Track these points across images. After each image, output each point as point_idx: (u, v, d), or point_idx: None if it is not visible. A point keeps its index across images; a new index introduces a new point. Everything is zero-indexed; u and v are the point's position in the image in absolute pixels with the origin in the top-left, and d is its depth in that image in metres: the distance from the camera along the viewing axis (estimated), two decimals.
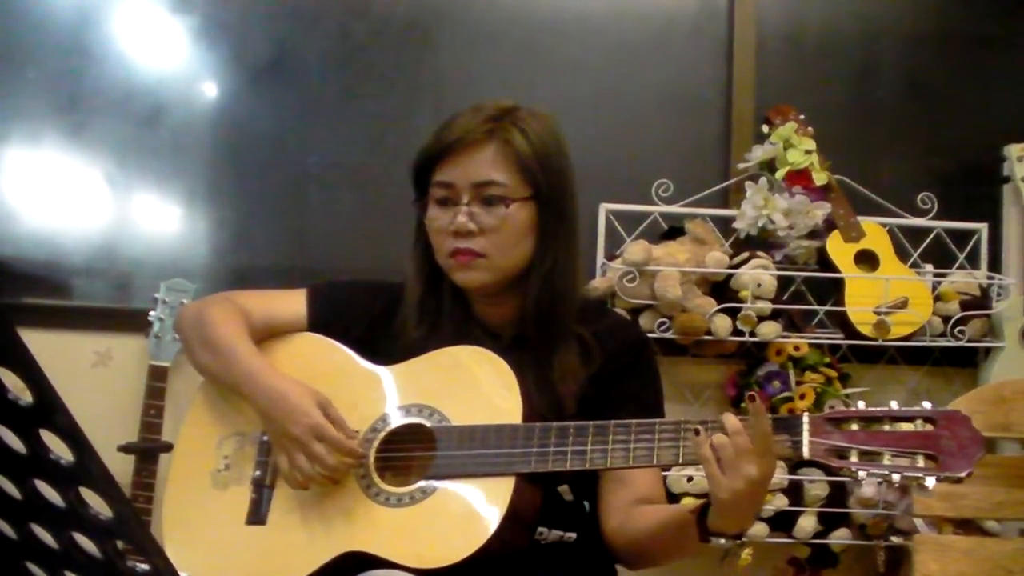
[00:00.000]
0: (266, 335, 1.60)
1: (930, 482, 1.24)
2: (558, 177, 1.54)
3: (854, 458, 1.26)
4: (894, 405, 1.29)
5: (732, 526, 1.33)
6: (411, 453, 1.45)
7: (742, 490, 1.26)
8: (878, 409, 1.29)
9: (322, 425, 1.42)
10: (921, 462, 1.25)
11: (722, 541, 1.36)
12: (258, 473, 1.51)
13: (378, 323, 1.60)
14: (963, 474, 1.23)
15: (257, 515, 1.49)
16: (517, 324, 1.55)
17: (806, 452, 1.28)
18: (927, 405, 1.28)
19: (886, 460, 1.25)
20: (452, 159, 1.52)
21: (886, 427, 1.27)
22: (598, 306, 1.79)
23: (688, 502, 2.26)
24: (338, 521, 1.42)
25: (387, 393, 1.50)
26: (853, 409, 1.30)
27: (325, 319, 1.61)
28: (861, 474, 1.27)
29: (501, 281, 1.54)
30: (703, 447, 1.28)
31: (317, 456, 1.40)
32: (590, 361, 1.53)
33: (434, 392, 1.48)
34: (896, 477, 1.25)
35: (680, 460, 1.35)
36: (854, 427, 1.28)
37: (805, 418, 1.29)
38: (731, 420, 1.29)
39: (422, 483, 1.41)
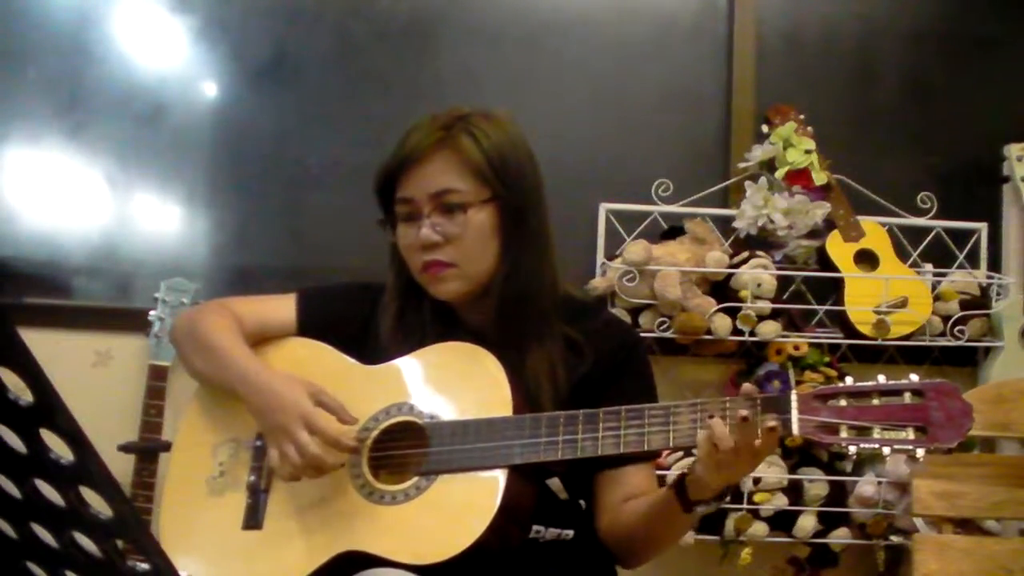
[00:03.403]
0: (259, 340, 1.61)
1: (920, 453, 1.25)
2: (516, 176, 1.53)
3: (844, 433, 1.27)
4: (881, 379, 1.30)
5: (713, 493, 1.37)
6: (404, 451, 1.45)
7: (735, 479, 1.33)
8: (866, 384, 1.30)
9: (312, 414, 1.43)
10: (911, 434, 1.26)
11: (702, 507, 1.39)
12: (253, 478, 1.52)
13: (367, 324, 1.61)
14: (953, 444, 1.25)
15: (253, 520, 1.50)
16: (496, 329, 1.55)
17: (795, 429, 1.29)
18: (914, 378, 1.29)
19: (876, 434, 1.26)
20: (409, 174, 1.53)
21: (875, 401, 1.28)
22: (589, 306, 1.78)
23: None
24: (334, 521, 1.43)
25: (378, 392, 1.50)
26: (841, 385, 1.31)
27: (315, 323, 1.63)
28: (851, 448, 1.28)
29: (476, 288, 1.54)
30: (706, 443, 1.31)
31: (303, 445, 1.41)
32: (581, 361, 1.53)
33: (424, 389, 1.49)
34: (887, 450, 1.26)
35: (671, 444, 1.36)
36: (843, 403, 1.29)
37: (793, 396, 1.30)
38: (725, 433, 1.30)
39: (416, 480, 1.41)
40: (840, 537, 2.35)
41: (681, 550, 2.36)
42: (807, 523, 2.32)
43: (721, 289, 2.38)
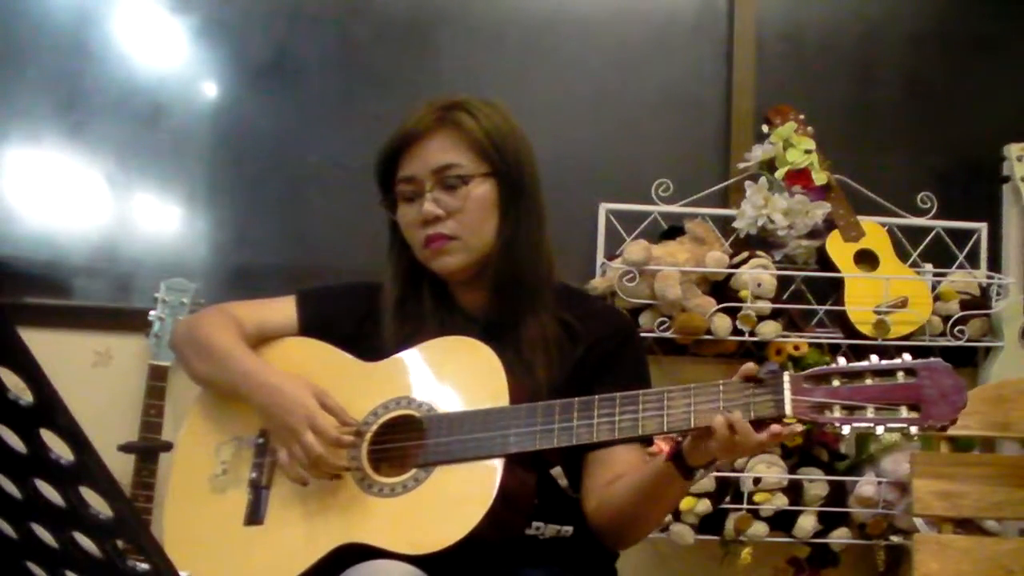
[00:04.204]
0: (258, 342, 1.63)
1: (914, 431, 1.26)
2: (513, 155, 1.57)
3: (837, 413, 1.27)
4: (874, 359, 1.30)
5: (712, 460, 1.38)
6: (403, 444, 1.46)
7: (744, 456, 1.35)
8: (859, 364, 1.30)
9: (316, 414, 1.44)
10: (904, 413, 1.26)
11: (701, 471, 1.39)
12: (254, 475, 1.54)
13: (366, 322, 1.63)
14: (947, 422, 1.25)
15: (255, 516, 1.51)
16: (492, 308, 1.57)
17: (788, 410, 1.29)
18: (907, 357, 1.29)
19: (870, 413, 1.27)
20: (409, 153, 1.57)
21: (868, 381, 1.29)
22: (585, 294, 1.83)
23: (689, 502, 2.26)
24: (334, 515, 1.44)
25: (377, 388, 1.52)
26: (834, 366, 1.31)
27: (315, 323, 1.64)
28: (845, 428, 1.28)
29: (476, 262, 1.57)
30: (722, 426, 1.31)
31: (308, 445, 1.42)
32: (576, 345, 1.55)
33: (422, 383, 1.50)
34: (880, 429, 1.27)
35: (665, 428, 1.36)
36: (836, 383, 1.29)
37: (786, 377, 1.31)
38: (754, 435, 1.31)
39: (414, 472, 1.42)
40: (840, 537, 2.35)
41: (681, 550, 2.36)
42: (807, 523, 2.32)
43: (721, 289, 2.38)
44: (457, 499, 1.38)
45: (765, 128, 2.51)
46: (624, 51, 2.71)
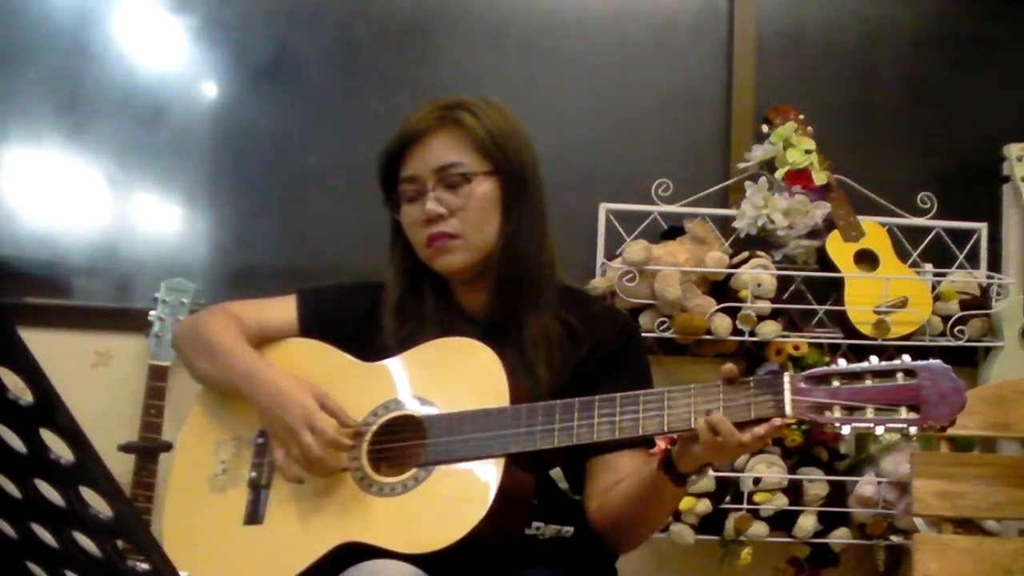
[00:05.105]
0: (260, 341, 1.63)
1: (913, 431, 1.27)
2: (515, 153, 1.58)
3: (837, 413, 1.29)
4: (874, 360, 1.31)
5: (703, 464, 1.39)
6: (404, 444, 1.47)
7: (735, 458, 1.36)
8: (859, 365, 1.31)
9: (314, 415, 1.44)
10: (904, 413, 1.27)
11: (692, 478, 1.40)
12: (254, 474, 1.54)
13: (366, 322, 1.63)
14: (945, 423, 1.26)
15: (254, 515, 1.51)
16: (493, 307, 1.58)
17: (788, 410, 1.30)
18: (907, 358, 1.30)
19: (869, 413, 1.28)
20: (412, 153, 1.57)
21: (868, 382, 1.30)
22: (587, 295, 1.83)
23: (689, 502, 2.26)
24: (333, 514, 1.44)
25: (377, 389, 1.52)
26: (834, 367, 1.32)
27: (316, 323, 1.65)
28: (845, 429, 1.29)
29: (479, 261, 1.57)
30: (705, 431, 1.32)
31: (306, 446, 1.43)
32: (578, 346, 1.55)
33: (423, 384, 1.50)
34: (880, 429, 1.28)
35: (665, 428, 1.36)
36: (835, 384, 1.30)
37: (786, 377, 1.32)
38: (736, 435, 1.31)
39: (414, 471, 1.43)
40: (840, 537, 2.35)
41: (681, 550, 2.36)
42: (807, 523, 2.32)
43: (721, 289, 2.38)
44: (457, 499, 1.38)
45: (765, 128, 2.51)
46: (624, 51, 2.71)
